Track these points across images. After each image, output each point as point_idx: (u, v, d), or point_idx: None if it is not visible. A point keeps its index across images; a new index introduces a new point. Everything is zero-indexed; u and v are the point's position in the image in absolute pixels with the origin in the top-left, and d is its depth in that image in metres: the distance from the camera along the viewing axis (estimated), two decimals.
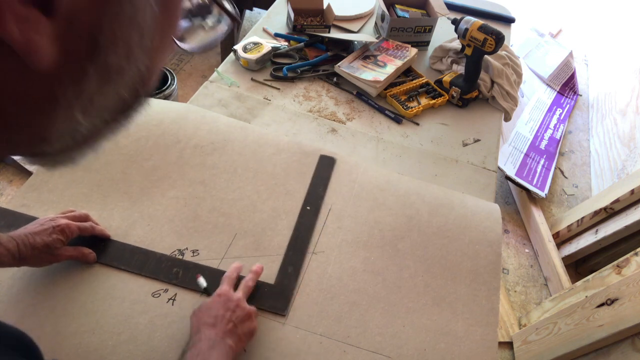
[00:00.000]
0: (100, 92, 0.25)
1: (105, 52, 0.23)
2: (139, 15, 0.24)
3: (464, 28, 1.09)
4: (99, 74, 0.24)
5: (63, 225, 0.68)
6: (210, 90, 1.10)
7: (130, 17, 0.23)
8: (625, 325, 1.12)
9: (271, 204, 0.86)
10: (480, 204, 0.92)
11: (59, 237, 0.67)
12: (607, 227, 1.61)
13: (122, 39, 0.24)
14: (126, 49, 0.24)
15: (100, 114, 0.26)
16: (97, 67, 0.24)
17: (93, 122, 0.26)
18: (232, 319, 0.63)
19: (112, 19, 0.23)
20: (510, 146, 2.06)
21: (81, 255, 0.72)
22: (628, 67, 2.45)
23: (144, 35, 0.25)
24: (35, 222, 0.68)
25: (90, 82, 0.24)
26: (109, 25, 0.23)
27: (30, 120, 0.24)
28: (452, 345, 0.72)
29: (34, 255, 0.64)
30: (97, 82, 0.24)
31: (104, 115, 0.27)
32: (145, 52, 0.26)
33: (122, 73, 0.25)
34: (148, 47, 0.25)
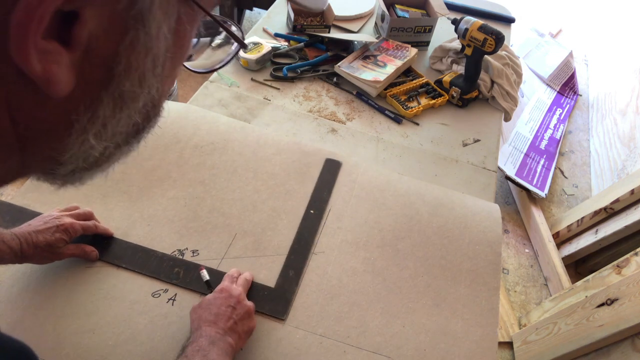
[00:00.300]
0: (113, 117, 0.26)
1: (120, 80, 0.24)
2: (154, 44, 0.24)
3: (464, 28, 1.09)
4: (114, 100, 0.25)
5: (67, 224, 0.68)
6: (210, 90, 1.10)
7: (146, 47, 0.24)
8: (625, 325, 1.12)
9: (271, 204, 0.86)
10: (480, 204, 0.92)
11: (62, 236, 0.67)
12: (607, 227, 1.61)
13: (136, 67, 0.24)
14: (140, 77, 0.25)
15: (114, 138, 0.27)
16: (112, 94, 0.24)
17: (106, 146, 0.27)
18: (232, 316, 0.63)
19: (128, 49, 0.23)
20: (510, 146, 2.06)
21: (83, 253, 0.72)
22: (628, 67, 2.45)
23: (157, 63, 0.25)
24: (39, 219, 0.68)
25: (104, 108, 0.25)
26: (124, 54, 0.23)
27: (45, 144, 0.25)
28: (452, 346, 0.72)
29: (36, 253, 0.65)
30: (111, 108, 0.25)
31: (117, 139, 0.27)
32: (157, 78, 0.26)
33: (135, 99, 0.26)
34: (160, 74, 0.26)
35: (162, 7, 0.23)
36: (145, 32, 0.23)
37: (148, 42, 0.24)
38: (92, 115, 0.25)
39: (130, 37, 0.23)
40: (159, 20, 0.24)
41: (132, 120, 0.27)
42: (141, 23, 0.23)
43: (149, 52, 0.24)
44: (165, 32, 0.25)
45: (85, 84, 0.23)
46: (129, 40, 0.23)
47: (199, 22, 0.28)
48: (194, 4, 0.26)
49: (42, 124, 0.24)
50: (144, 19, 0.23)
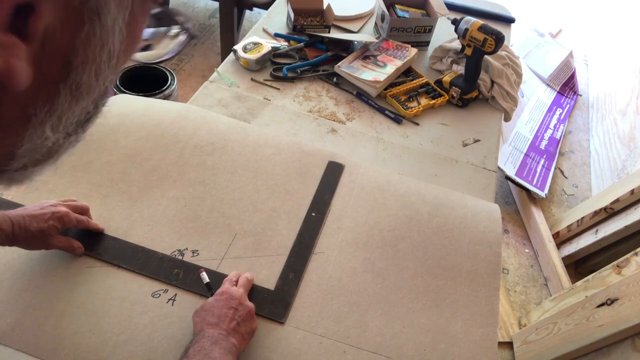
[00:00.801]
0: (69, 109, 0.26)
1: (78, 73, 0.25)
2: (109, 37, 0.25)
3: (464, 28, 1.09)
4: (71, 92, 0.25)
5: (62, 213, 0.69)
6: (210, 90, 1.10)
7: (102, 40, 0.24)
8: (625, 325, 1.12)
9: (271, 204, 0.86)
10: (480, 204, 0.92)
11: (55, 224, 0.67)
12: (607, 227, 1.61)
13: (93, 60, 0.25)
14: (96, 69, 0.25)
15: (66, 129, 0.27)
16: (69, 86, 0.25)
17: (58, 137, 0.27)
18: (235, 317, 0.63)
19: (84, 42, 0.24)
20: (510, 146, 2.05)
21: (71, 247, 0.72)
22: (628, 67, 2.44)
23: (112, 55, 0.26)
24: (36, 205, 0.69)
25: (61, 100, 0.25)
26: (81, 47, 0.24)
27: (1, 140, 0.25)
28: (451, 346, 0.72)
29: (26, 237, 0.65)
30: (69, 101, 0.25)
31: (69, 129, 0.28)
32: (111, 70, 0.27)
33: (91, 91, 0.26)
34: (114, 65, 0.27)
35: (115, 1, 0.24)
36: (101, 25, 0.24)
37: (104, 35, 0.24)
38: (49, 108, 0.25)
39: (86, 30, 0.23)
40: (114, 13, 0.24)
41: (86, 110, 0.28)
42: (97, 16, 0.23)
43: (105, 44, 0.25)
44: (120, 24, 0.25)
45: (43, 77, 0.23)
46: (85, 33, 0.23)
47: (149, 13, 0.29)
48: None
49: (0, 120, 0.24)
50: (99, 12, 0.23)
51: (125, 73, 1.74)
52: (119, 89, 1.68)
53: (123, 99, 1.03)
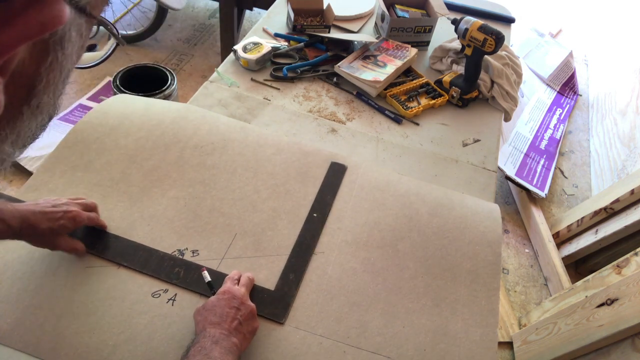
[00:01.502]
0: (28, 126, 0.28)
1: (40, 95, 0.27)
2: (68, 61, 0.27)
3: (464, 28, 1.09)
4: (32, 112, 0.27)
5: (74, 213, 0.69)
6: (210, 90, 1.10)
7: (61, 64, 0.27)
8: (625, 325, 1.12)
9: (271, 204, 0.86)
10: (480, 204, 0.92)
11: (65, 223, 0.67)
12: (607, 227, 1.61)
13: (53, 82, 0.27)
14: (54, 89, 0.28)
15: (24, 142, 0.29)
16: (31, 107, 0.27)
17: (14, 150, 0.29)
18: (237, 316, 0.63)
19: (48, 69, 0.26)
20: (510, 146, 2.05)
21: (74, 250, 0.72)
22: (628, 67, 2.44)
23: (68, 75, 0.28)
24: (48, 201, 0.69)
25: (23, 120, 0.27)
26: (45, 73, 0.26)
27: None
28: (451, 346, 0.72)
29: (34, 234, 0.65)
30: (28, 119, 0.28)
31: (27, 142, 0.30)
32: (64, 85, 0.29)
33: (48, 107, 0.29)
34: (68, 81, 0.29)
35: (76, 30, 0.26)
36: (63, 53, 0.26)
37: (64, 61, 0.27)
38: (12, 127, 0.27)
39: (50, 59, 0.26)
40: (74, 40, 0.27)
41: (42, 123, 0.30)
42: (60, 46, 0.26)
43: (64, 68, 0.27)
44: (77, 49, 0.28)
45: (9, 102, 0.25)
46: (50, 62, 0.26)
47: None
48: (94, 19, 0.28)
49: None
50: (62, 42, 0.26)
51: (125, 73, 1.74)
52: (119, 89, 1.68)
53: (123, 99, 1.03)
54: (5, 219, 0.61)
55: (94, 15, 0.28)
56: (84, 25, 0.28)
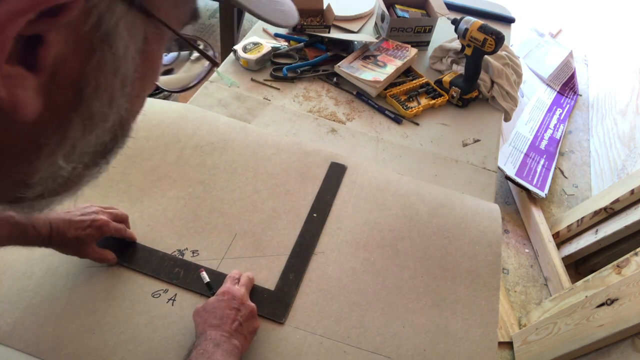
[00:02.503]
0: (82, 138, 0.25)
1: (89, 101, 0.24)
2: (121, 64, 0.24)
3: (464, 28, 1.09)
4: (83, 121, 0.25)
5: (102, 222, 0.69)
6: (210, 91, 1.10)
7: (113, 67, 0.24)
8: (625, 325, 1.12)
9: (271, 204, 0.86)
10: (480, 204, 0.92)
11: (92, 232, 0.67)
12: (607, 227, 1.61)
13: (105, 87, 0.24)
14: (109, 97, 0.25)
15: (82, 159, 0.27)
16: (81, 115, 0.24)
17: (74, 167, 0.27)
18: (237, 317, 0.63)
19: (95, 70, 0.23)
20: (510, 146, 2.05)
21: (105, 260, 0.72)
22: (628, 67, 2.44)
23: (126, 83, 0.25)
24: (79, 208, 0.69)
25: (74, 130, 0.25)
26: (93, 75, 0.23)
27: (13, 168, 0.25)
28: (451, 346, 0.72)
29: (62, 242, 0.65)
30: (81, 130, 0.25)
31: (85, 160, 0.27)
32: (126, 98, 0.26)
33: (105, 120, 0.26)
34: (129, 93, 0.26)
35: (127, 28, 0.24)
36: (112, 53, 0.23)
37: (115, 63, 0.24)
38: (61, 137, 0.24)
39: (97, 58, 0.23)
40: (125, 40, 0.24)
41: (100, 140, 0.27)
42: (107, 44, 0.23)
43: (117, 72, 0.24)
44: (132, 52, 0.25)
45: (54, 106, 0.23)
46: (96, 61, 0.23)
47: (168, 41, 0.28)
48: (159, 23, 0.26)
49: (10, 149, 0.23)
50: (110, 40, 0.23)
51: None
52: None
53: None
54: (36, 225, 0.61)
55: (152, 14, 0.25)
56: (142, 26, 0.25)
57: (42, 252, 0.73)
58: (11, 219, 0.59)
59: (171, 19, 0.26)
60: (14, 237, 0.60)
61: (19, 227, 0.60)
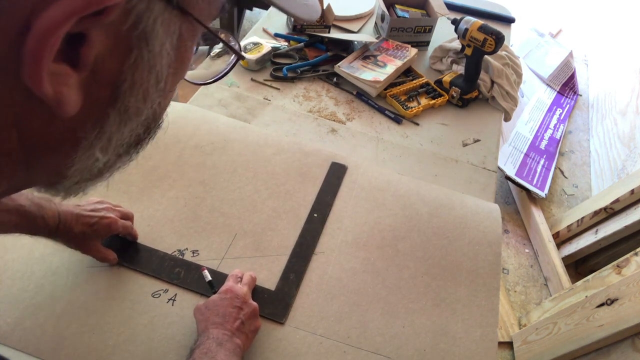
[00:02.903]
0: (118, 132, 0.26)
1: (126, 97, 0.25)
2: (157, 61, 0.25)
3: (464, 28, 1.09)
4: (119, 116, 0.26)
5: (110, 220, 0.69)
6: (210, 91, 1.10)
7: (149, 64, 0.25)
8: (625, 325, 1.12)
9: (271, 204, 0.86)
10: (480, 204, 0.92)
11: (99, 229, 0.67)
12: (607, 227, 1.61)
13: (140, 84, 0.25)
14: (144, 93, 0.26)
15: (116, 150, 0.28)
16: (117, 110, 0.25)
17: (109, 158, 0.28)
18: (239, 316, 0.63)
19: (132, 67, 0.24)
20: (510, 146, 2.06)
21: (105, 259, 0.72)
22: (628, 67, 2.45)
23: (160, 79, 0.26)
24: (90, 202, 0.70)
25: (110, 124, 0.26)
26: (129, 72, 0.24)
27: (51, 160, 0.26)
28: (451, 346, 0.72)
29: (68, 236, 0.65)
30: (117, 124, 0.26)
31: (119, 151, 0.28)
32: (159, 93, 0.27)
33: (139, 114, 0.27)
34: (163, 89, 0.27)
35: (164, 26, 0.24)
36: (148, 51, 0.24)
37: (151, 60, 0.25)
38: (98, 131, 0.25)
39: (134, 55, 0.24)
40: (161, 38, 0.24)
41: (135, 133, 0.28)
42: (145, 42, 0.24)
43: (153, 69, 0.25)
44: (167, 49, 0.25)
45: (92, 102, 0.24)
46: (134, 59, 0.24)
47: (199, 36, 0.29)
48: (193, 19, 0.26)
49: (50, 142, 0.24)
50: (147, 38, 0.24)
51: None
52: None
53: None
54: (45, 216, 0.62)
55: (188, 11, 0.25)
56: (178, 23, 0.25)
57: (42, 252, 0.73)
58: (21, 209, 0.59)
59: (203, 15, 0.27)
60: (22, 226, 0.60)
61: (28, 216, 0.60)
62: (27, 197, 0.61)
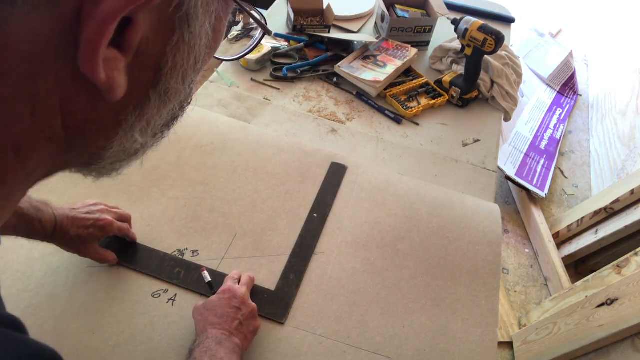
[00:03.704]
0: (158, 114, 0.27)
1: (167, 79, 0.25)
2: (197, 42, 0.25)
3: (464, 28, 1.09)
4: (160, 98, 0.26)
5: (106, 222, 0.69)
6: (210, 91, 1.10)
7: (189, 46, 0.25)
8: (625, 325, 1.12)
9: (271, 204, 0.86)
10: (480, 204, 0.92)
11: (95, 232, 0.67)
12: (607, 227, 1.61)
13: (181, 65, 0.25)
14: (183, 74, 0.26)
15: (154, 130, 0.28)
16: (158, 92, 0.26)
17: (146, 139, 0.28)
18: (237, 316, 0.63)
19: (174, 49, 0.24)
20: (510, 146, 2.05)
21: (104, 260, 0.72)
22: (628, 67, 2.44)
23: (198, 59, 0.27)
24: (86, 205, 0.69)
25: (151, 106, 0.26)
26: (171, 54, 0.24)
27: (91, 143, 0.26)
28: (451, 346, 0.72)
29: (64, 240, 0.65)
30: (157, 106, 0.26)
31: (156, 131, 0.29)
32: (196, 73, 0.28)
33: (178, 95, 0.27)
34: (199, 68, 0.27)
35: (204, 6, 0.24)
36: (189, 32, 0.24)
37: (192, 41, 0.25)
38: (139, 113, 0.26)
39: (176, 37, 0.24)
40: (202, 19, 0.25)
41: (172, 113, 0.29)
42: (186, 23, 0.24)
43: (192, 50, 0.25)
44: (207, 29, 0.26)
45: (135, 85, 0.24)
46: (175, 41, 0.24)
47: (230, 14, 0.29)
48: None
49: (92, 126, 0.25)
50: (189, 20, 0.24)
51: None
52: None
53: None
54: (42, 220, 0.61)
55: None
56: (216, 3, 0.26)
57: (42, 252, 0.73)
58: (20, 211, 0.59)
59: None
60: (19, 228, 0.60)
61: (26, 219, 0.60)
62: (26, 200, 0.60)
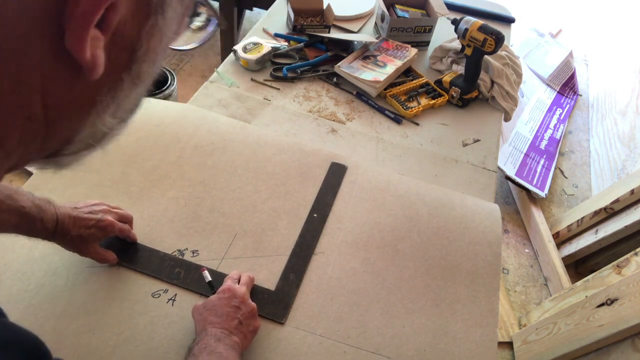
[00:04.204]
0: (129, 96, 0.27)
1: (140, 63, 0.26)
2: (168, 27, 0.26)
3: (464, 28, 1.09)
4: (132, 81, 0.27)
5: (107, 223, 0.69)
6: (210, 91, 1.10)
7: (161, 31, 0.26)
8: (625, 325, 1.12)
9: (271, 204, 0.86)
10: (480, 204, 0.92)
11: (96, 232, 0.67)
12: (607, 227, 1.61)
13: (153, 49, 0.26)
14: (154, 58, 0.27)
15: (121, 115, 0.29)
16: (131, 75, 0.26)
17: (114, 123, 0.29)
18: (237, 315, 0.63)
19: (148, 34, 0.25)
20: (510, 146, 2.05)
21: (104, 260, 0.72)
22: (628, 67, 2.44)
23: (167, 44, 0.27)
24: (88, 204, 0.69)
25: (124, 88, 0.27)
26: (145, 38, 0.25)
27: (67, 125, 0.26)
28: (451, 346, 0.72)
29: (65, 239, 0.65)
30: (129, 88, 0.27)
31: (122, 115, 0.29)
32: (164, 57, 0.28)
33: (149, 78, 0.28)
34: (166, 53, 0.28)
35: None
36: (163, 17, 0.25)
37: (164, 27, 0.26)
38: (113, 95, 0.26)
39: (151, 22, 0.25)
40: (175, 5, 0.26)
41: (140, 97, 0.29)
42: (161, 8, 0.25)
43: (164, 35, 0.26)
44: (178, 15, 0.27)
45: (111, 66, 0.25)
46: (150, 26, 0.25)
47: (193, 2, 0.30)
48: None
49: (70, 106, 0.25)
50: (164, 6, 0.25)
51: None
52: None
53: None
54: (44, 219, 0.61)
55: None
56: None
57: (42, 252, 0.73)
58: (22, 210, 0.59)
59: None
60: (21, 227, 0.60)
61: (27, 218, 0.60)
62: (29, 198, 0.61)
